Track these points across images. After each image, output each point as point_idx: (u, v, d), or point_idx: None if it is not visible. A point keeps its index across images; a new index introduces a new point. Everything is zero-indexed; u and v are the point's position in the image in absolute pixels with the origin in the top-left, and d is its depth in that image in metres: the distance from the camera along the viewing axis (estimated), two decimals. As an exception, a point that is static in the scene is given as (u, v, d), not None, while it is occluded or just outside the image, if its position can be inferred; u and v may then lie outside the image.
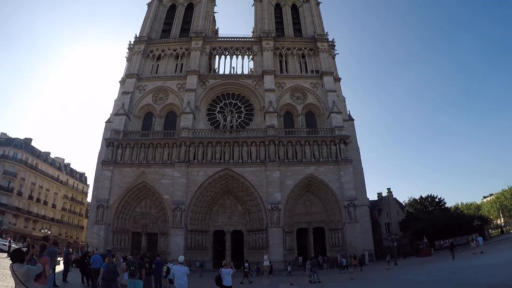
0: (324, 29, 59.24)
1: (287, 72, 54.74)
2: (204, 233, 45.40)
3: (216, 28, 68.99)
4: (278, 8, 64.16)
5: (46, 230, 60.24)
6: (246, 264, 31.15)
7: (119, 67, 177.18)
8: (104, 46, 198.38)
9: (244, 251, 44.57)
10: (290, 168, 45.89)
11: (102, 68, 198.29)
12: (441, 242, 47.87)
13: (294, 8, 64.53)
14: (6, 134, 74.56)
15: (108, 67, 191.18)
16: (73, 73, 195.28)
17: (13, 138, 73.48)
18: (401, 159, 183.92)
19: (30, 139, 75.89)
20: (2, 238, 50.00)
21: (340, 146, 46.89)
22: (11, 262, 6.62)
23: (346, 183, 44.94)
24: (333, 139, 47.07)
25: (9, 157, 69.68)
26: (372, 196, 72.37)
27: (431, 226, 51.39)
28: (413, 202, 71.04)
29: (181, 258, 14.27)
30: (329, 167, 46.09)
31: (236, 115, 52.17)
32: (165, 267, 21.17)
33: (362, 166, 49.78)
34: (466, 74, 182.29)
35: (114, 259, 13.70)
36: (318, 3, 63.74)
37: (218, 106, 53.39)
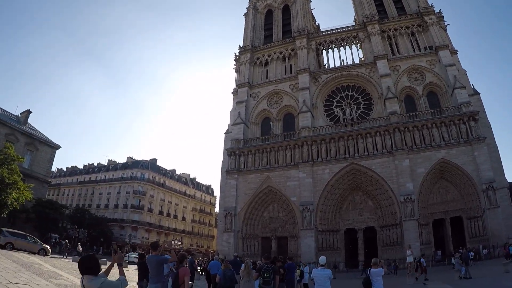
0: (428, 1, 54.39)
1: (399, 53, 51.16)
2: (335, 233, 44.20)
3: (317, 24, 68.15)
4: (374, -11, 60.75)
5: (177, 241, 65.02)
6: (422, 259, 28.02)
7: (230, 80, 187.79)
8: (212, 63, 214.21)
9: (377, 248, 42.16)
10: (419, 154, 42.47)
11: (213, 84, 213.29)
12: None
13: (391, -14, 60.39)
14: (132, 158, 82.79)
15: (219, 82, 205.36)
16: (188, 95, 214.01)
17: (139, 160, 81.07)
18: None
19: (155, 159, 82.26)
20: (134, 252, 54.21)
21: (470, 124, 41.93)
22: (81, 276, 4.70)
23: (481, 164, 39.78)
24: (461, 117, 42.36)
25: (137, 177, 76.90)
26: (509, 177, 63.60)
27: None
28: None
29: (323, 259, 11.76)
30: (461, 149, 41.49)
31: (355, 107, 50.34)
32: (297, 271, 19.39)
33: (496, 143, 43.97)
34: None
35: (244, 265, 11.85)
36: (414, -25, 58.70)
37: (334, 101, 52.10)
